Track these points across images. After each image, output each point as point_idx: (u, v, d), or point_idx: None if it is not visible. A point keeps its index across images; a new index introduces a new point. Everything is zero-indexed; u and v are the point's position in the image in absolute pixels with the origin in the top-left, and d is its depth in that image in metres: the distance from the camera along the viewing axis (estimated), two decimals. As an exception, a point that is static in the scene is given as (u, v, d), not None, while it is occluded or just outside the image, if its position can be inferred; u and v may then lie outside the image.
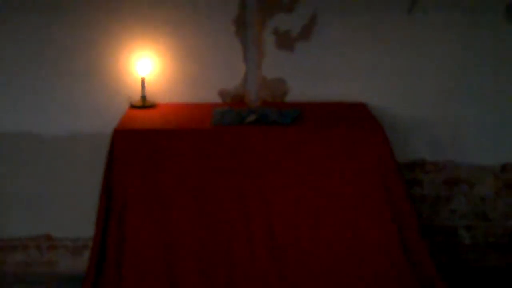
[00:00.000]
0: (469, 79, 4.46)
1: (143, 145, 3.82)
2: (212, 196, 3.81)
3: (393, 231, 3.77)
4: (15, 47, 4.34)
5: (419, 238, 3.79)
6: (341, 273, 3.75)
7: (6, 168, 4.51)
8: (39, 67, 4.36)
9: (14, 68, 4.37)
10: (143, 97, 4.30)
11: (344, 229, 3.80)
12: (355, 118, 4.10)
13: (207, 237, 3.79)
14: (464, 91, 4.47)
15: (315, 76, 4.43)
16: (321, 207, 3.81)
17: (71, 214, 4.54)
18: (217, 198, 3.82)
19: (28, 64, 4.36)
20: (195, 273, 3.76)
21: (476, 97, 4.48)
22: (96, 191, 3.83)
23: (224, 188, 3.82)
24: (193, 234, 3.79)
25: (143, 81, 4.30)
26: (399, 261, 3.74)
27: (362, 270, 3.76)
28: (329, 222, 3.81)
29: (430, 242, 3.88)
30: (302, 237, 3.81)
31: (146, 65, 4.31)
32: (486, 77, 4.46)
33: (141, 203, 3.79)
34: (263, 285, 3.74)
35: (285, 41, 4.38)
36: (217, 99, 4.44)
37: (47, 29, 4.31)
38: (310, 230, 3.80)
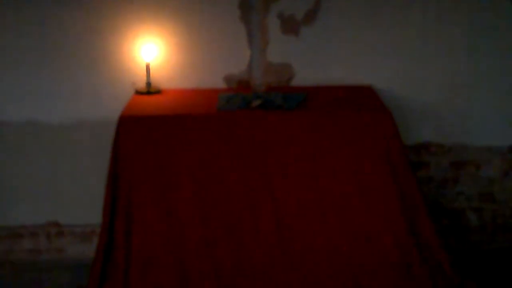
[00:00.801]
0: (475, 60, 4.44)
1: (149, 131, 3.82)
2: (218, 181, 3.81)
3: (400, 213, 3.76)
4: (18, 34, 4.33)
5: (427, 221, 3.78)
6: (348, 256, 3.75)
7: (13, 157, 4.53)
8: (43, 55, 4.36)
9: (18, 56, 4.37)
10: (148, 83, 4.30)
11: (351, 212, 3.80)
12: (362, 101, 4.09)
13: (213, 221, 3.79)
14: (471, 73, 4.46)
15: (321, 60, 4.43)
16: (327, 191, 3.81)
17: (78, 201, 4.56)
18: (223, 183, 3.82)
19: (32, 51, 4.36)
20: (202, 258, 3.76)
21: (482, 78, 4.47)
22: (103, 178, 3.83)
23: (230, 173, 3.82)
24: (199, 219, 3.79)
25: (148, 67, 4.29)
26: (406, 244, 3.73)
27: (369, 253, 3.75)
28: (335, 206, 3.80)
29: (438, 225, 3.87)
30: (309, 221, 3.80)
31: (151, 51, 4.31)
32: (493, 58, 4.44)
33: (147, 189, 3.79)
34: (270, 269, 3.74)
35: (290, 26, 4.36)
36: (223, 85, 4.44)
37: (51, 16, 4.30)
38: (317, 214, 3.80)
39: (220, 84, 4.44)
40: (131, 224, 3.77)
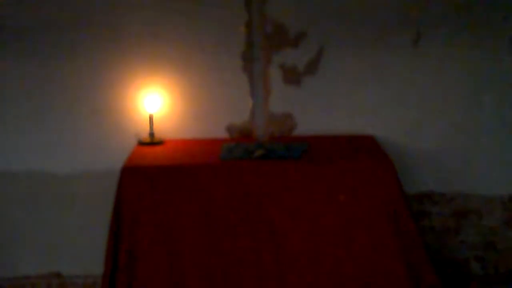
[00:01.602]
0: (476, 110, 4.47)
1: (152, 181, 3.82)
2: (221, 231, 3.81)
3: (403, 264, 3.75)
4: (23, 86, 4.38)
5: (430, 271, 3.77)
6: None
7: (16, 207, 4.52)
8: (47, 106, 4.40)
9: (22, 108, 4.40)
10: (151, 134, 4.32)
11: (353, 262, 3.79)
12: (363, 151, 4.10)
13: (216, 270, 3.79)
14: (471, 122, 4.48)
15: (323, 110, 4.45)
16: (329, 241, 3.80)
17: (80, 252, 4.54)
18: (226, 233, 3.81)
19: (35, 102, 4.40)
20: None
21: (483, 128, 4.49)
22: (105, 229, 3.83)
23: (233, 223, 3.81)
24: (203, 270, 3.78)
25: (151, 118, 4.32)
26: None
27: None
28: (337, 255, 3.80)
29: (441, 274, 3.86)
30: (312, 271, 3.80)
31: (154, 102, 4.34)
32: (494, 107, 4.47)
33: (150, 240, 3.79)
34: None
35: (292, 76, 4.40)
36: (225, 135, 4.46)
37: (55, 67, 4.35)
38: (319, 263, 3.79)
39: (222, 134, 4.46)
40: (132, 276, 3.76)
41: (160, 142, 4.31)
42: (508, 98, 4.47)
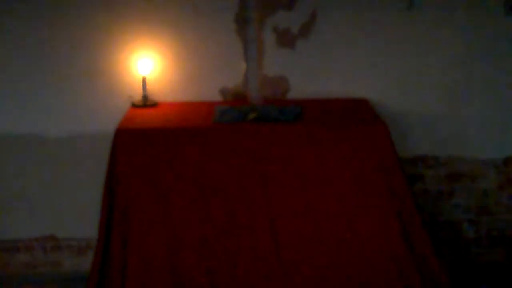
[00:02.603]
0: (470, 73, 4.46)
1: (145, 144, 3.83)
2: (215, 194, 3.82)
3: (396, 226, 3.77)
4: (15, 48, 4.35)
5: (423, 233, 3.79)
6: (343, 268, 3.76)
7: (10, 169, 4.53)
8: (40, 68, 4.38)
9: (15, 70, 4.38)
10: (145, 96, 4.31)
11: (347, 225, 3.80)
12: (357, 114, 4.10)
13: (210, 235, 3.80)
14: (466, 86, 4.48)
15: (316, 73, 4.44)
16: (323, 204, 3.82)
17: (75, 214, 4.55)
18: (219, 195, 3.82)
19: (29, 65, 4.37)
20: (199, 272, 3.76)
21: (478, 91, 4.49)
22: (99, 191, 3.84)
23: (226, 185, 3.82)
24: (196, 232, 3.79)
25: (144, 80, 4.31)
26: (403, 257, 3.74)
27: (364, 265, 3.76)
28: (331, 218, 3.81)
29: (434, 237, 3.88)
30: (305, 234, 3.81)
31: (147, 65, 4.32)
32: (488, 71, 4.46)
33: (144, 202, 3.80)
34: (266, 282, 3.75)
35: (286, 39, 4.38)
36: (219, 98, 4.45)
37: (47, 30, 4.32)
38: (313, 227, 3.80)
39: (216, 97, 4.45)
40: (127, 236, 3.77)
41: (153, 105, 4.30)
42: (503, 62, 4.46)
